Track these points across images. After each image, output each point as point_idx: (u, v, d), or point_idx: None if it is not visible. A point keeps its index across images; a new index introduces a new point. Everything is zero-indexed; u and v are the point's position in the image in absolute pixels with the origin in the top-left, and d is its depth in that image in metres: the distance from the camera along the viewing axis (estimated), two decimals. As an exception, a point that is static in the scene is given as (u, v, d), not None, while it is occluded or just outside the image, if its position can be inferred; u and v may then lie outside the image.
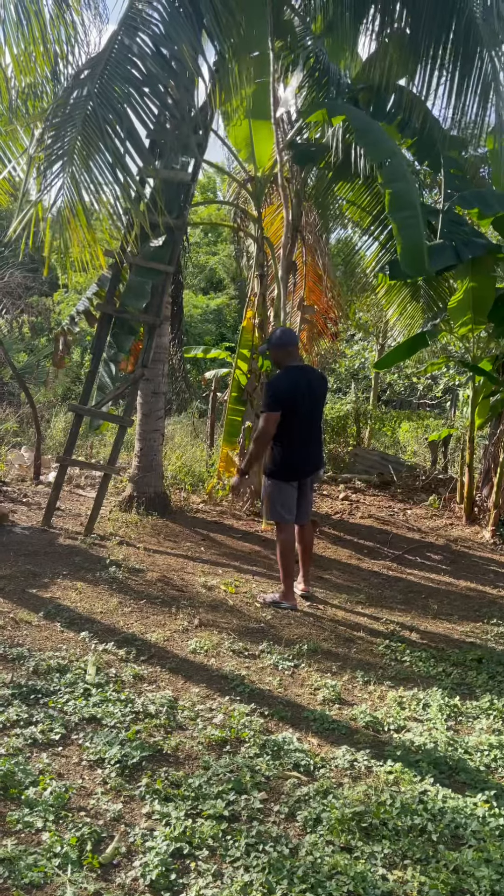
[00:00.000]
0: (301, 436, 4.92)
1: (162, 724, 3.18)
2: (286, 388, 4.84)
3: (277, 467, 4.98)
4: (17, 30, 6.51)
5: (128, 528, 6.49)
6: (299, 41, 7.65)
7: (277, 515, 5.07)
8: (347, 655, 4.30)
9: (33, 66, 6.94)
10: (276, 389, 4.88)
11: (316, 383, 5.01)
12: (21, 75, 6.95)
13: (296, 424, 4.86)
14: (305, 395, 4.87)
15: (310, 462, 5.06)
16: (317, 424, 5.10)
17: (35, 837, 2.36)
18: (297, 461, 4.97)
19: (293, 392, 4.81)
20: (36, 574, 5.04)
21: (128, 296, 6.61)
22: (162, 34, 4.98)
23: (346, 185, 8.01)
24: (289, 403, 4.79)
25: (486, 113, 6.57)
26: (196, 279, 24.22)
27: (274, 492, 5.04)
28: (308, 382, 4.92)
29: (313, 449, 5.05)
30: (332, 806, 2.70)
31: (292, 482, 5.01)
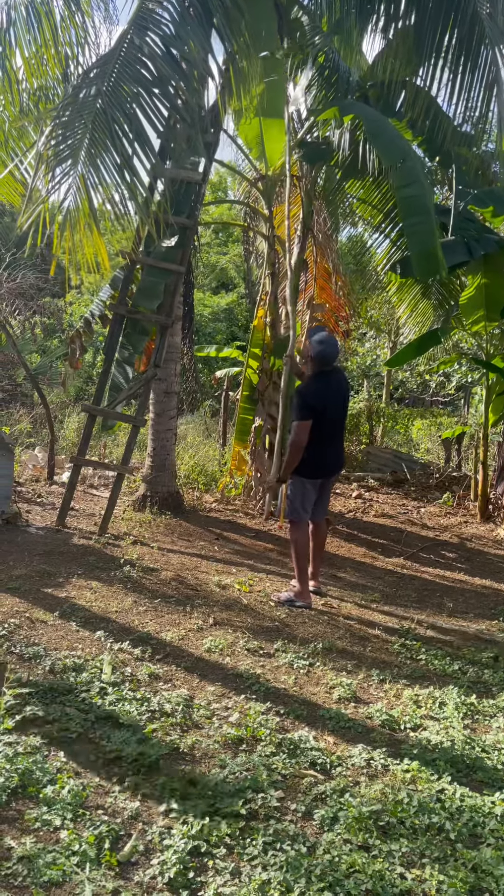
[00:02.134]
0: (328, 437, 5.00)
1: (178, 723, 3.19)
2: (316, 395, 4.92)
3: (305, 465, 5.00)
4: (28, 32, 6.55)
5: (141, 527, 6.51)
6: (308, 39, 7.65)
7: (296, 514, 5.12)
8: (362, 654, 4.29)
9: (44, 68, 6.98)
10: (307, 397, 4.94)
11: (343, 385, 5.13)
12: (32, 78, 7.00)
13: (324, 426, 4.93)
14: (334, 399, 4.98)
15: (335, 461, 5.16)
16: (341, 425, 5.20)
17: (53, 835, 2.38)
18: (323, 460, 5.04)
19: (323, 398, 4.90)
20: (51, 574, 5.07)
21: (140, 296, 6.64)
22: (172, 34, 4.98)
23: (356, 183, 7.98)
24: (319, 409, 4.88)
25: (489, 109, 6.55)
26: (207, 279, 24.23)
27: (298, 490, 5.09)
28: (337, 385, 5.03)
29: (338, 449, 5.16)
30: (349, 804, 2.70)
31: (316, 480, 5.08)
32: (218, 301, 20.28)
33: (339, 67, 7.50)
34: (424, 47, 6.73)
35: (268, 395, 7.37)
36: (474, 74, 6.44)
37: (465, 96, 6.60)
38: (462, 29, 6.42)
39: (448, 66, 6.71)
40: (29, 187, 4.70)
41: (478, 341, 8.53)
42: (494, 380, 8.15)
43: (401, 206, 6.57)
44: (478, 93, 6.43)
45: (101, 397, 6.64)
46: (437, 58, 6.70)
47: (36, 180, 4.53)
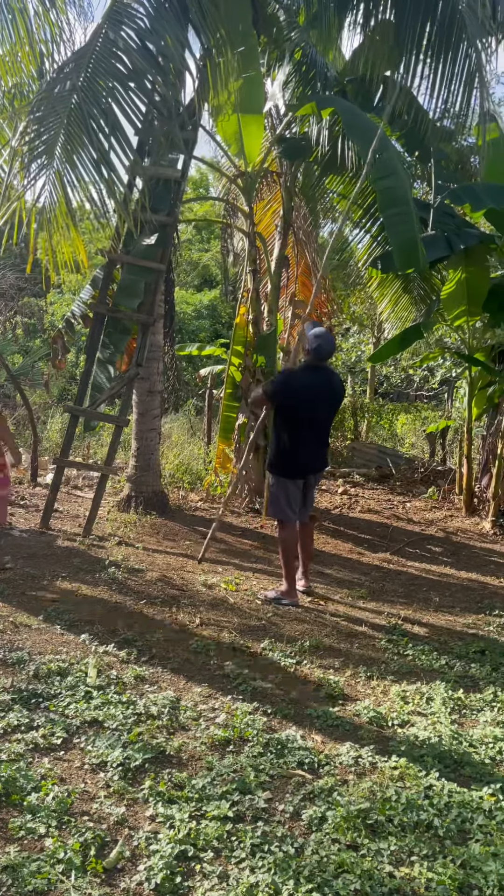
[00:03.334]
0: (311, 436, 4.92)
1: (164, 726, 3.16)
2: (295, 384, 4.85)
3: (285, 466, 4.97)
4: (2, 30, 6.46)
5: (126, 528, 6.46)
6: (285, 35, 7.62)
7: (282, 513, 5.06)
8: (349, 651, 4.28)
9: (19, 65, 6.90)
10: (287, 383, 4.89)
11: (333, 385, 4.99)
12: (7, 75, 6.92)
13: (307, 424, 4.85)
14: (318, 398, 4.85)
15: (317, 462, 5.09)
16: (326, 428, 5.10)
17: (38, 844, 2.34)
18: (304, 460, 4.96)
19: (303, 391, 4.80)
20: (35, 577, 5.02)
21: (121, 295, 6.58)
22: (147, 28, 4.93)
23: (335, 179, 7.97)
24: (293, 399, 4.79)
25: (471, 104, 6.53)
26: (189, 276, 24.16)
27: (280, 490, 5.03)
28: (326, 384, 4.91)
29: (321, 450, 5.10)
30: (338, 803, 2.68)
31: (298, 480, 5.00)
32: (200, 298, 20.22)
33: (317, 63, 7.48)
34: (404, 41, 6.70)
35: (251, 393, 7.33)
36: (454, 68, 6.42)
37: (445, 90, 6.58)
38: (442, 22, 6.40)
39: (428, 59, 6.69)
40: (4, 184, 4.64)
41: (460, 335, 8.55)
42: (477, 374, 8.17)
43: (380, 198, 6.56)
44: (458, 87, 6.41)
45: (84, 397, 6.58)
46: (417, 51, 6.67)
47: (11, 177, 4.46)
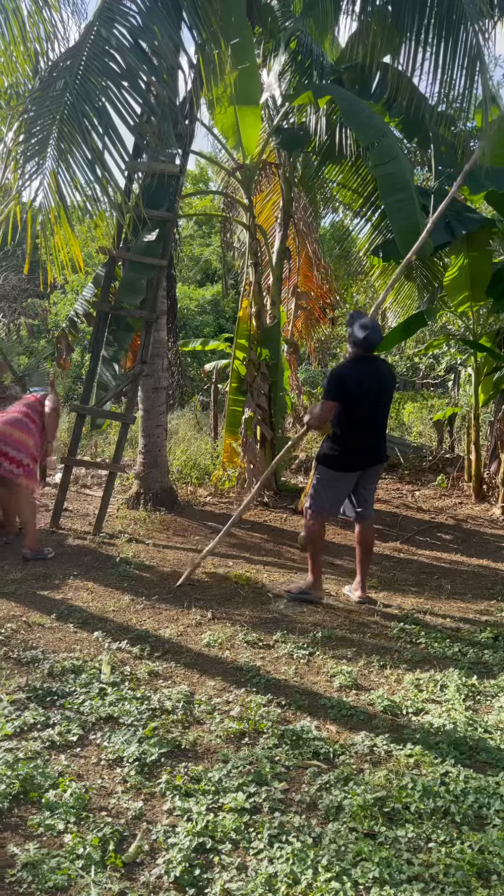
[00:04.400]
0: (369, 429, 4.72)
1: (179, 720, 3.17)
2: (350, 379, 4.61)
3: (339, 459, 4.74)
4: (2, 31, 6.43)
5: (136, 525, 6.48)
6: (280, 24, 7.58)
7: (317, 505, 4.85)
8: (362, 641, 4.28)
9: (14, 65, 6.88)
10: (340, 379, 4.64)
11: (386, 377, 4.79)
12: (2, 76, 6.90)
13: (360, 416, 4.65)
14: (372, 388, 4.64)
15: (371, 455, 4.81)
16: (383, 419, 4.85)
17: (57, 840, 2.36)
18: (357, 453, 4.74)
19: (358, 384, 4.59)
20: (47, 576, 5.04)
21: (123, 292, 6.59)
22: (139, 26, 4.91)
23: (334, 168, 7.94)
24: (352, 395, 4.58)
25: (472, 87, 6.47)
26: (192, 272, 24.13)
27: (325, 484, 4.80)
28: (378, 376, 4.70)
29: (376, 442, 4.82)
30: (354, 792, 2.69)
31: (349, 473, 4.78)
32: (203, 293, 20.19)
33: (313, 52, 7.43)
34: (402, 27, 6.66)
35: (256, 386, 7.34)
36: (455, 53, 6.37)
37: (445, 75, 6.53)
38: (441, 7, 6.36)
39: (427, 45, 6.65)
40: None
41: (465, 322, 8.51)
42: (482, 360, 8.13)
43: (381, 185, 6.53)
44: (459, 72, 6.36)
45: (90, 396, 6.59)
46: (416, 37, 6.63)
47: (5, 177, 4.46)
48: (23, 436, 5.34)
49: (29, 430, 5.39)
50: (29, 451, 5.34)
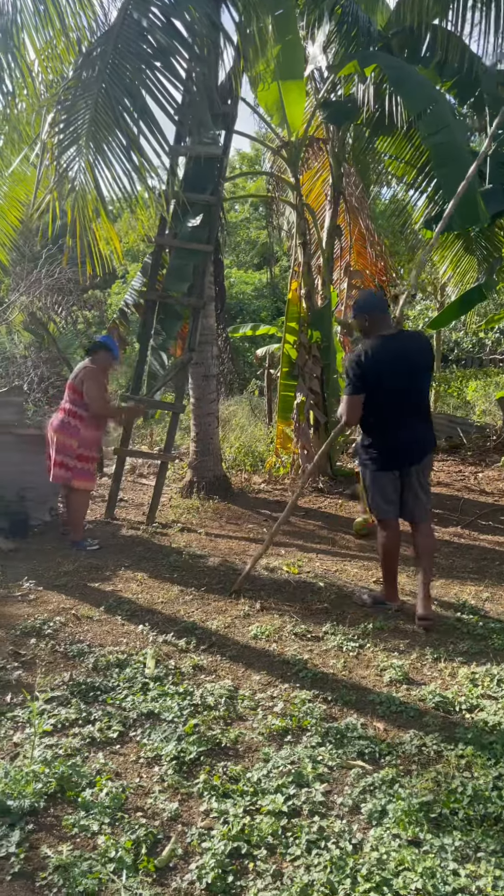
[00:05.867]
0: (395, 416, 4.07)
1: (221, 716, 3.10)
2: (368, 363, 4.01)
3: (369, 456, 4.20)
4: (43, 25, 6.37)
5: (189, 513, 6.46)
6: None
7: (376, 507, 4.30)
8: (416, 632, 4.11)
9: (58, 57, 6.85)
10: (356, 366, 4.05)
11: (415, 352, 4.07)
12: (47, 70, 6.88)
13: (386, 403, 4.04)
14: (397, 368, 4.00)
15: (411, 447, 4.14)
16: (417, 401, 4.15)
17: (90, 842, 2.33)
18: (397, 446, 4.13)
19: (377, 366, 3.99)
20: (98, 567, 5.07)
21: (170, 280, 6.53)
22: (172, 3, 4.78)
23: (386, 140, 7.64)
24: (373, 380, 4.01)
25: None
26: (249, 255, 23.96)
27: (371, 483, 4.27)
28: (402, 352, 4.03)
29: (415, 431, 4.12)
30: (399, 796, 2.56)
31: (390, 471, 4.19)
32: (259, 277, 20.02)
33: (359, 19, 7.14)
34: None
35: (307, 370, 7.18)
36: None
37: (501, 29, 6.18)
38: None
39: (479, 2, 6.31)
40: (38, 177, 4.62)
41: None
42: (548, 332, 7.72)
43: (433, 155, 6.25)
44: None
45: (139, 386, 6.59)
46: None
47: (41, 169, 4.43)
48: (66, 438, 5.37)
49: (70, 429, 5.39)
50: (73, 451, 5.36)
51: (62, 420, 5.41)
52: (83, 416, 5.41)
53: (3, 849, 2.27)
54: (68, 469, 5.36)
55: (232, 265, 21.82)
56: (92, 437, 5.48)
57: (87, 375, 5.40)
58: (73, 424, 5.39)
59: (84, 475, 5.45)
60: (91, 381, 5.38)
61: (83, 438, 5.40)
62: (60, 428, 5.39)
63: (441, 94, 6.63)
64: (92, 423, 5.48)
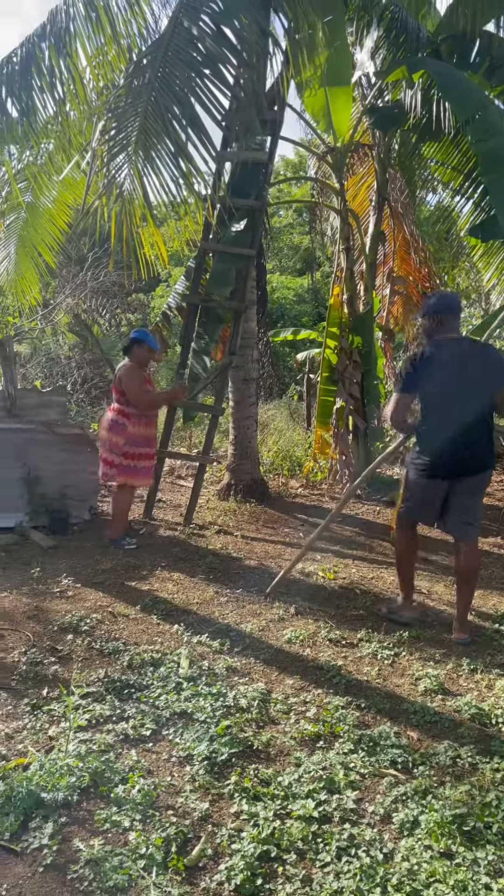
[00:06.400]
0: (444, 424, 3.90)
1: (253, 719, 3.11)
2: (420, 364, 3.92)
3: (417, 461, 4.06)
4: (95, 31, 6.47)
5: (226, 516, 6.48)
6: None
7: (403, 512, 4.25)
8: (452, 642, 4.06)
9: (109, 64, 6.96)
10: (409, 364, 3.99)
11: (475, 362, 3.86)
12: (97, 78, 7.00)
13: (436, 409, 3.94)
14: (451, 374, 3.84)
15: (458, 459, 3.91)
16: (471, 413, 3.88)
17: (122, 837, 2.35)
18: (446, 457, 3.93)
19: (430, 369, 3.88)
20: (135, 566, 5.12)
21: (213, 284, 6.58)
22: (222, 11, 4.83)
23: (432, 146, 7.57)
24: (424, 382, 3.91)
25: None
26: (291, 261, 23.96)
27: (410, 484, 4.15)
28: (461, 359, 3.86)
29: (465, 444, 3.88)
30: (432, 807, 2.53)
31: (434, 480, 4.01)
32: (301, 282, 20.00)
33: (408, 25, 7.11)
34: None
35: (348, 375, 7.15)
36: None
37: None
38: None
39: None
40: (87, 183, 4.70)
41: None
42: None
43: (481, 161, 6.18)
44: None
45: (180, 388, 6.63)
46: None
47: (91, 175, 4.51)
48: (114, 436, 5.44)
49: (118, 427, 5.45)
50: (120, 448, 5.43)
51: (111, 419, 5.50)
52: (130, 413, 5.46)
53: (36, 840, 2.30)
54: (114, 466, 5.44)
55: (274, 270, 21.85)
56: (140, 434, 5.52)
57: (125, 373, 5.46)
58: (120, 422, 5.45)
59: (129, 472, 5.50)
60: (129, 377, 5.43)
61: (130, 436, 5.45)
62: (110, 427, 5.48)
63: (490, 100, 6.56)
64: (141, 421, 5.50)
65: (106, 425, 5.51)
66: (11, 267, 7.72)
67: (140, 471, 5.57)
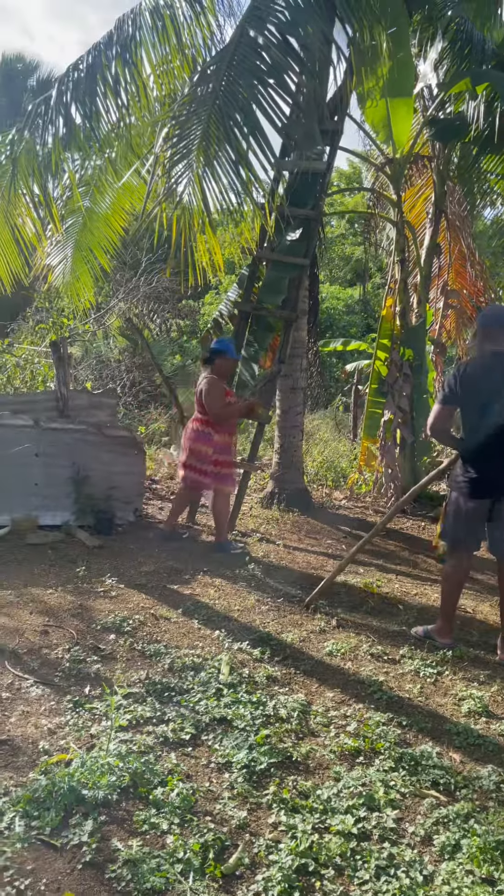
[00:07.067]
0: (488, 440, 3.81)
1: (293, 730, 3.08)
2: (467, 377, 3.84)
3: (460, 479, 3.98)
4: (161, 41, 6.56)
5: (268, 524, 6.47)
6: (440, 11, 7.26)
7: (449, 532, 4.14)
8: (497, 664, 3.97)
9: (172, 73, 7.05)
10: (452, 376, 3.92)
11: None
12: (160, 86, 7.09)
13: (480, 424, 3.83)
14: (495, 388, 3.76)
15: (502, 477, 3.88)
16: None
17: (160, 840, 2.35)
18: (487, 475, 3.87)
19: (473, 381, 3.81)
20: (178, 570, 5.14)
21: (265, 292, 6.60)
22: (288, 21, 4.86)
23: (493, 158, 7.49)
24: (466, 395, 3.83)
25: None
26: (342, 271, 23.93)
27: (452, 508, 4.06)
28: None
29: None
30: (474, 831, 2.47)
31: (478, 499, 3.93)
32: (351, 293, 19.95)
33: (473, 37, 7.06)
34: None
35: (397, 388, 7.09)
36: None
37: None
38: None
39: None
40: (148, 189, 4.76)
41: None
42: None
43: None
44: None
45: (229, 395, 6.66)
46: None
47: (153, 181, 4.57)
48: (201, 446, 5.50)
49: (204, 437, 5.50)
50: (209, 458, 5.48)
51: (196, 429, 5.53)
52: (214, 422, 5.51)
53: (76, 837, 2.32)
54: (207, 475, 5.51)
55: (324, 280, 21.84)
56: (226, 442, 5.57)
57: (206, 386, 5.49)
58: (206, 432, 5.49)
59: (222, 479, 5.58)
60: (210, 389, 5.46)
61: (217, 444, 5.49)
62: (195, 438, 5.52)
63: None
64: (223, 429, 5.54)
65: (191, 436, 5.55)
66: (68, 270, 7.87)
67: (229, 477, 5.64)
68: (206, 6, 6.58)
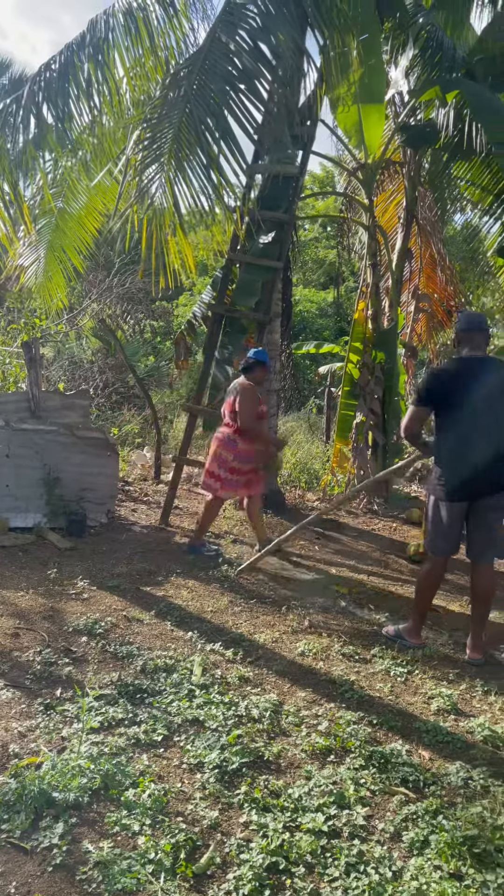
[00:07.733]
0: (471, 444, 3.84)
1: (265, 730, 3.10)
2: (446, 380, 3.90)
3: (438, 482, 3.97)
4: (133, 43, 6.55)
5: (242, 525, 6.49)
6: (411, 19, 7.35)
7: (429, 543, 4.17)
8: (466, 662, 4.03)
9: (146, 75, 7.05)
10: (428, 378, 4.01)
11: (498, 380, 3.82)
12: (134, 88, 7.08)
13: (456, 426, 3.87)
14: (471, 391, 3.80)
15: (481, 480, 3.87)
16: (493, 432, 3.83)
17: (131, 841, 2.36)
18: (466, 477, 3.87)
19: (455, 386, 3.84)
20: (151, 572, 5.14)
21: (238, 294, 6.62)
22: (259, 27, 4.90)
23: (463, 165, 7.60)
24: (442, 397, 3.88)
25: None
26: (315, 274, 24.04)
27: (432, 513, 4.07)
28: (482, 376, 3.83)
29: (488, 464, 3.82)
30: (442, 828, 2.51)
31: (457, 503, 3.96)
32: (324, 296, 20.06)
33: (444, 45, 7.15)
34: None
35: (369, 390, 7.16)
36: None
37: None
38: None
39: None
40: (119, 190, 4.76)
41: None
42: None
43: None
44: None
45: (202, 397, 6.68)
46: None
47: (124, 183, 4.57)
48: (224, 451, 5.50)
49: (230, 443, 5.49)
50: (228, 464, 5.48)
51: (227, 435, 5.51)
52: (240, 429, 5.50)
53: (46, 839, 2.31)
54: (218, 479, 5.49)
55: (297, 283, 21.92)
56: (247, 451, 5.52)
57: (242, 392, 5.46)
58: (232, 439, 5.48)
59: (231, 486, 5.57)
60: (244, 396, 5.44)
61: (239, 452, 5.47)
62: (223, 443, 5.51)
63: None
64: (247, 438, 5.52)
65: (220, 440, 5.55)
66: (40, 270, 7.81)
67: (238, 484, 5.62)
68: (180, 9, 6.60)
